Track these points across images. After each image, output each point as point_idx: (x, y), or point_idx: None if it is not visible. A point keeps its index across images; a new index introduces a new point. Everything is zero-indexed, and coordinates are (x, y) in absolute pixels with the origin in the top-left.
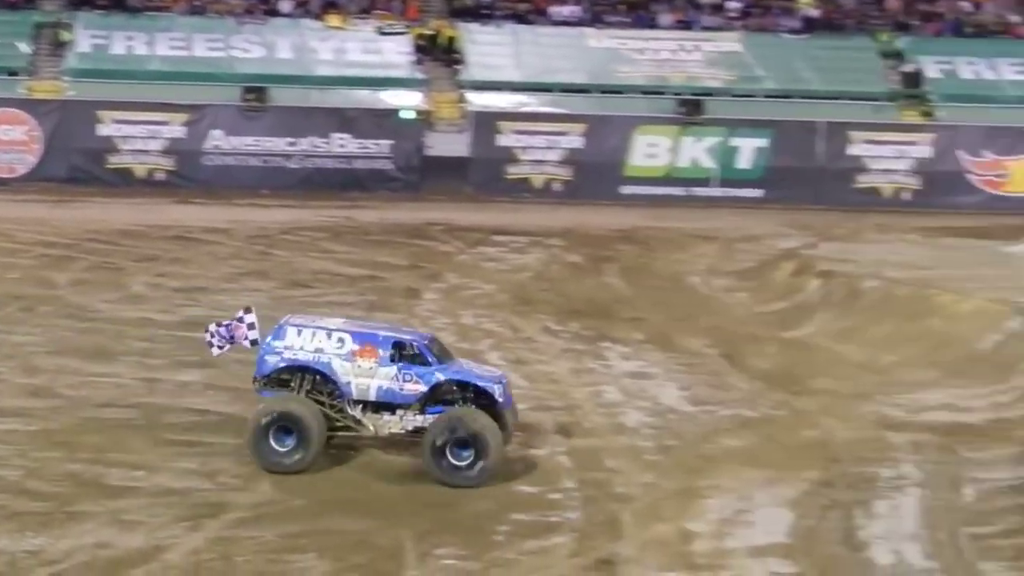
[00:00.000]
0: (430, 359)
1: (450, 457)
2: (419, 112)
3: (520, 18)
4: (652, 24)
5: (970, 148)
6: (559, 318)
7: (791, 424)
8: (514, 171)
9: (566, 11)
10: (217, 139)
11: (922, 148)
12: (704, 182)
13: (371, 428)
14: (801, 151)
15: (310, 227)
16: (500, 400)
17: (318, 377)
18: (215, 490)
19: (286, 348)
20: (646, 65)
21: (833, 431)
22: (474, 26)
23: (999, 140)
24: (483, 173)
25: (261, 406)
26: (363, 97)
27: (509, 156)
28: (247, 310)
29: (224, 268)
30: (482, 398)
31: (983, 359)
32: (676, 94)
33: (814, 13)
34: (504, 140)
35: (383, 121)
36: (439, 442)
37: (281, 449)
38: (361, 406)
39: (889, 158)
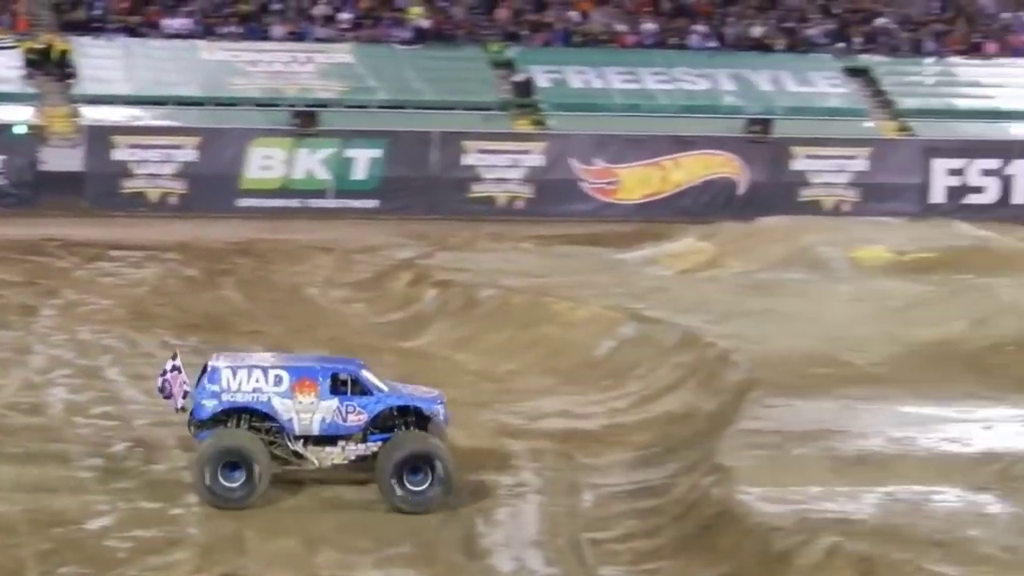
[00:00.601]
0: (369, 388)
1: (406, 483)
2: (31, 127)
3: (132, 31)
4: (265, 36)
5: (581, 156)
6: (177, 332)
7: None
8: (129, 185)
9: (177, 24)
10: None
11: (534, 157)
12: (320, 194)
13: (314, 461)
14: (415, 161)
15: None
16: (442, 421)
17: (255, 416)
18: None
19: (223, 391)
20: (260, 77)
21: (454, 439)
22: (86, 39)
23: (609, 148)
24: (98, 188)
25: (204, 446)
26: None
27: (124, 170)
28: (174, 356)
29: None
30: (422, 420)
31: (598, 365)
32: (290, 106)
33: (425, 24)
34: (119, 154)
35: None
36: (394, 468)
37: (231, 485)
38: (302, 440)
39: (503, 167)
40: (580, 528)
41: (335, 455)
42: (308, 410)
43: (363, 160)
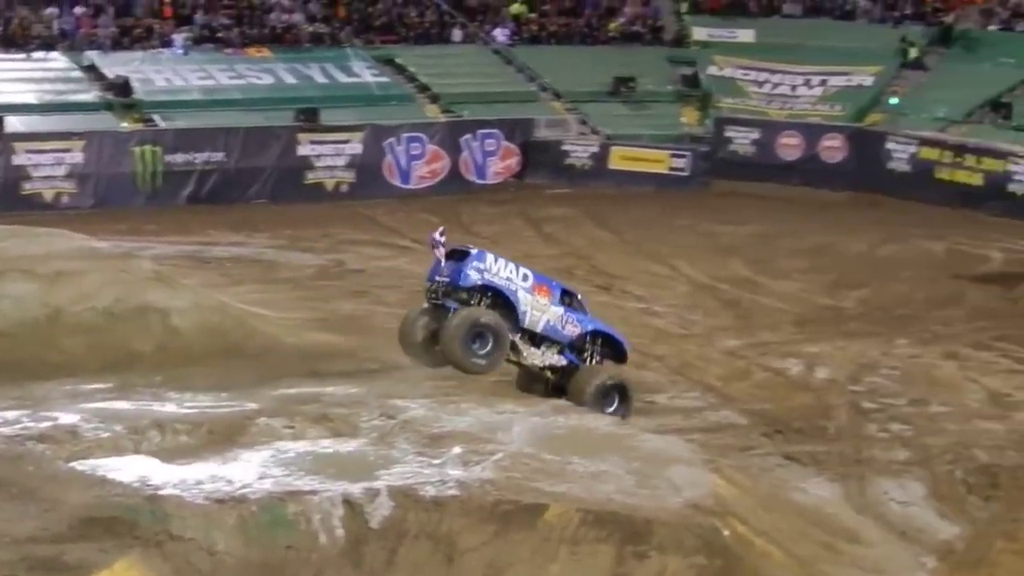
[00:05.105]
0: (587, 310)
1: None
2: None
3: None
4: None
5: None
6: None
7: None
8: None
9: None
10: None
11: None
12: None
13: (523, 354)
14: None
15: None
16: (627, 353)
17: (498, 300)
18: None
19: (486, 270)
20: None
21: None
22: None
23: None
24: None
25: (463, 313)
26: None
27: None
28: (442, 233)
29: None
30: (613, 350)
31: None
32: None
33: None
34: None
35: None
36: (595, 392)
37: (481, 351)
38: (521, 334)
39: None
40: None
41: (536, 356)
42: (540, 309)
43: None
